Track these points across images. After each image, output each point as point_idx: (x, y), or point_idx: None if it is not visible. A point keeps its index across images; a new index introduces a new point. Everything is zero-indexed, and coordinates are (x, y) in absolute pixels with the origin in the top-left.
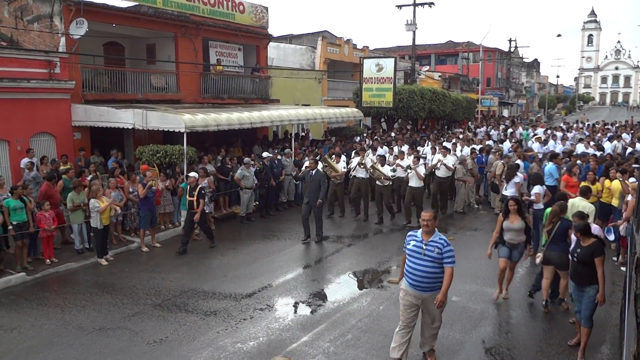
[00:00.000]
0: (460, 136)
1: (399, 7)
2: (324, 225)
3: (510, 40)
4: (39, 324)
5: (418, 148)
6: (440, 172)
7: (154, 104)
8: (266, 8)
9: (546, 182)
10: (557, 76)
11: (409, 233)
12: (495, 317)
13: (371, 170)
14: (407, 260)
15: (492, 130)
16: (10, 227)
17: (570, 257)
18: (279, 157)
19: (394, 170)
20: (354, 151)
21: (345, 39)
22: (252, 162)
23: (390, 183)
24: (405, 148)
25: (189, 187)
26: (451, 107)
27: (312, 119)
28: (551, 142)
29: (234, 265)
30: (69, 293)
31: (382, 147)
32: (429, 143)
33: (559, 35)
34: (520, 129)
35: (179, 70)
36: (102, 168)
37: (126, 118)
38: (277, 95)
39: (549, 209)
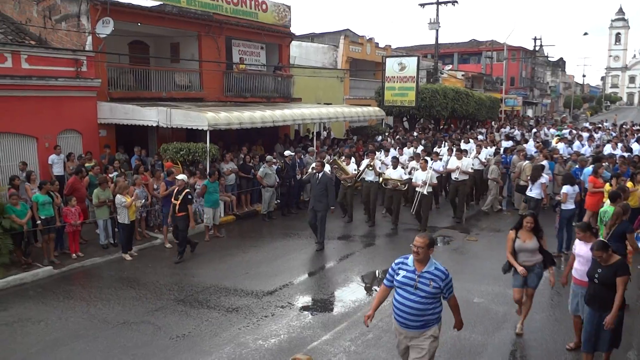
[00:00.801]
0: (480, 137)
1: (422, 5)
2: (337, 228)
3: (535, 39)
4: (65, 317)
5: (435, 149)
6: (455, 175)
7: (178, 102)
8: (289, 7)
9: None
10: (584, 75)
11: (397, 260)
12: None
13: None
14: (395, 292)
15: (516, 130)
16: (39, 221)
17: (588, 279)
18: (301, 155)
19: (410, 173)
20: (365, 153)
21: (367, 38)
22: (274, 160)
23: (404, 187)
24: (419, 149)
25: (175, 190)
26: (474, 107)
27: (333, 117)
28: (577, 142)
29: (255, 263)
30: (94, 287)
31: (395, 149)
32: (446, 144)
33: (585, 34)
34: (545, 129)
35: (202, 68)
36: (126, 165)
37: (150, 116)
38: (299, 94)
39: (611, 208)
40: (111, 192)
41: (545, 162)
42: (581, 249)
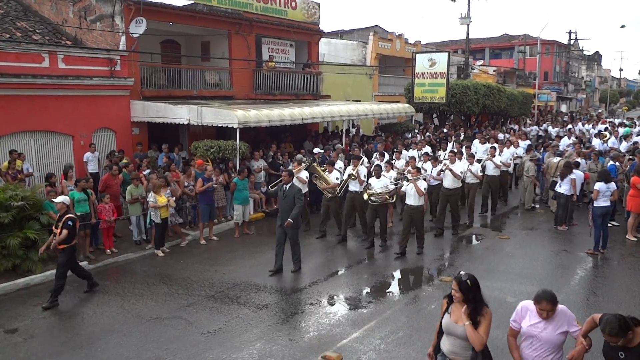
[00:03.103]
0: (501, 135)
1: (453, 0)
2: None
3: (569, 32)
4: (101, 311)
5: (438, 152)
6: (447, 182)
7: (208, 100)
8: (318, 4)
9: None
10: (620, 69)
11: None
12: None
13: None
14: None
15: (550, 127)
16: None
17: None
18: (330, 152)
19: (396, 180)
20: (350, 159)
21: (396, 34)
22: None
23: (392, 199)
24: (427, 149)
25: (58, 214)
26: (506, 103)
27: (362, 114)
28: (612, 139)
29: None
30: (127, 282)
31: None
32: (451, 145)
33: (622, 26)
34: (579, 125)
35: (232, 67)
36: (156, 162)
37: (182, 114)
38: (327, 91)
39: None
40: (144, 189)
41: (580, 159)
42: (533, 323)
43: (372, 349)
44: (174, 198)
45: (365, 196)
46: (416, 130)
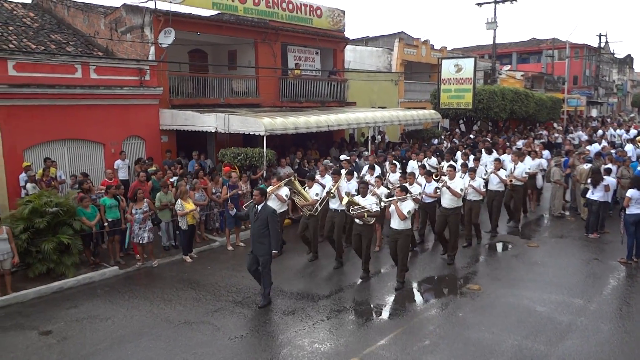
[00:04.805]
0: (520, 143)
1: (479, 4)
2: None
3: (600, 35)
4: (130, 315)
5: (441, 164)
6: (445, 200)
7: (235, 108)
8: (343, 12)
9: None
10: None
11: None
12: (584, 330)
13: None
14: None
15: (581, 132)
16: (106, 223)
17: None
18: (356, 159)
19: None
20: (327, 172)
21: (422, 40)
22: (330, 165)
23: (371, 221)
24: (433, 161)
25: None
26: (534, 108)
27: (388, 121)
28: None
29: (310, 267)
30: (156, 287)
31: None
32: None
33: None
34: (611, 130)
35: (258, 75)
36: (185, 170)
37: (209, 122)
38: (353, 98)
39: None
40: (173, 196)
41: (611, 166)
42: None
43: (398, 357)
44: (197, 209)
45: (346, 199)
46: (442, 137)
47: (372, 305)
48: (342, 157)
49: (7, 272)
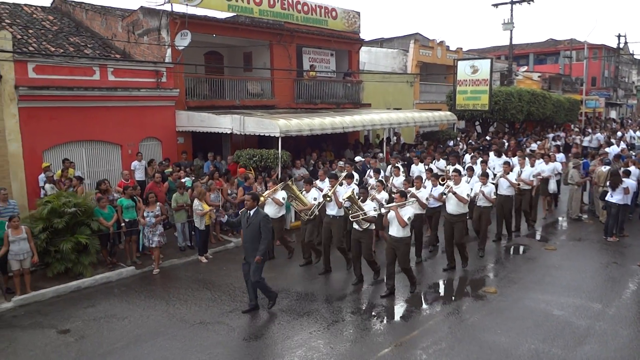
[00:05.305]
0: (534, 145)
1: (496, 5)
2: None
3: (619, 36)
4: (147, 315)
5: (447, 166)
6: (450, 206)
7: (250, 110)
8: (358, 13)
9: None
10: None
11: None
12: (603, 335)
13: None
14: None
15: (599, 134)
16: (123, 224)
17: None
18: (371, 161)
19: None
20: (325, 174)
21: (438, 41)
22: (346, 166)
23: (366, 225)
24: (441, 164)
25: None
26: (552, 109)
27: (403, 123)
28: None
29: (323, 269)
30: (172, 287)
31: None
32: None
33: None
34: (630, 132)
35: (273, 76)
36: (201, 171)
37: (225, 123)
38: (368, 100)
39: None
40: (189, 197)
41: (633, 168)
42: None
43: (414, 359)
44: (213, 209)
45: (348, 193)
46: (458, 138)
47: (387, 307)
48: (357, 158)
49: (26, 271)
